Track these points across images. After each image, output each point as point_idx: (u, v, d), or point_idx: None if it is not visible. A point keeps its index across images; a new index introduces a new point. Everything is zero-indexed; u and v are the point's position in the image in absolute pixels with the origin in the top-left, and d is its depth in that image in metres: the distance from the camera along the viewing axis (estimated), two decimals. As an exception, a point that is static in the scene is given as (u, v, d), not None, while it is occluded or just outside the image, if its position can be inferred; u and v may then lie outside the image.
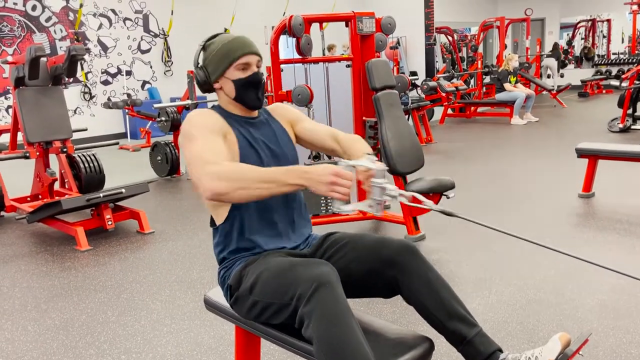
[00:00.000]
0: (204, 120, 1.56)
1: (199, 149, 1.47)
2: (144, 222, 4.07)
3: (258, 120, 1.70)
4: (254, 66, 1.64)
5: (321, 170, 1.36)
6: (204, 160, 1.43)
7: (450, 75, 9.00)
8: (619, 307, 2.44)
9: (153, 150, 6.09)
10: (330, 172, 1.34)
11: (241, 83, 1.62)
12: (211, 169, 1.40)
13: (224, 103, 1.68)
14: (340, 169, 1.35)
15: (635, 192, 4.30)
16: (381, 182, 1.38)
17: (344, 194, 1.35)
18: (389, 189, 1.38)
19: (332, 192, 1.35)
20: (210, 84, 1.66)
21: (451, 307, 1.49)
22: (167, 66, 10.44)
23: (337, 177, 1.34)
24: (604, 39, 14.88)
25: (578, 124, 8.29)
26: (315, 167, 1.37)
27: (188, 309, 2.72)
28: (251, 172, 1.40)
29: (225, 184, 1.37)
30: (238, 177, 1.38)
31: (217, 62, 1.62)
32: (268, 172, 1.41)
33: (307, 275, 1.36)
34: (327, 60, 3.67)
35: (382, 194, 1.38)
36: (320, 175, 1.35)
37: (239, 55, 1.60)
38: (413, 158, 3.44)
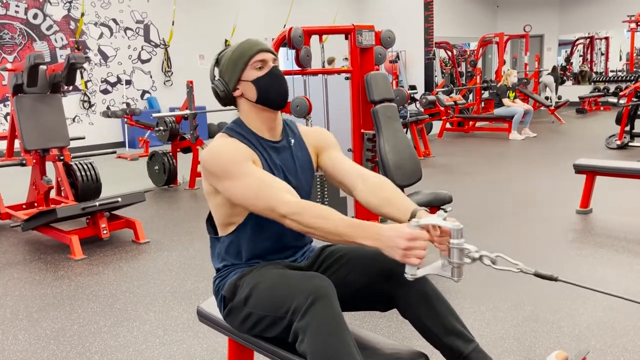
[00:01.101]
0: (234, 153, 1.47)
1: (257, 180, 1.42)
2: (139, 232, 4.04)
3: (281, 145, 1.60)
4: (270, 62, 1.55)
5: (395, 233, 1.27)
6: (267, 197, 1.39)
7: (449, 89, 9.03)
8: (617, 325, 2.42)
9: (151, 159, 6.08)
10: (404, 236, 1.26)
11: (261, 81, 1.53)
12: (281, 209, 1.37)
13: (245, 114, 1.58)
14: (415, 232, 1.26)
15: (633, 209, 4.29)
16: (459, 243, 1.25)
17: (420, 257, 1.27)
18: (469, 250, 1.25)
19: (406, 259, 1.27)
20: (230, 93, 1.57)
21: (448, 322, 1.46)
22: (167, 76, 10.47)
23: (412, 241, 1.26)
24: (602, 56, 14.98)
25: (576, 140, 8.31)
26: (388, 229, 1.28)
27: (181, 320, 2.68)
28: (327, 222, 1.34)
29: (299, 227, 1.37)
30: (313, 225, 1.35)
31: (233, 66, 1.55)
32: (342, 226, 1.33)
33: (303, 288, 1.34)
34: (326, 72, 3.67)
35: (462, 256, 1.25)
36: (394, 239, 1.27)
37: (254, 52, 1.53)
38: (411, 171, 3.43)
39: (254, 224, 1.54)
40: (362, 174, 1.61)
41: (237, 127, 1.58)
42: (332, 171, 1.67)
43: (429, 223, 1.30)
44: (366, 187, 1.56)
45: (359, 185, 1.58)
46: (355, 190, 1.59)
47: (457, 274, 1.27)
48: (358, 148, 3.62)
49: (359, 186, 1.58)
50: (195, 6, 10.67)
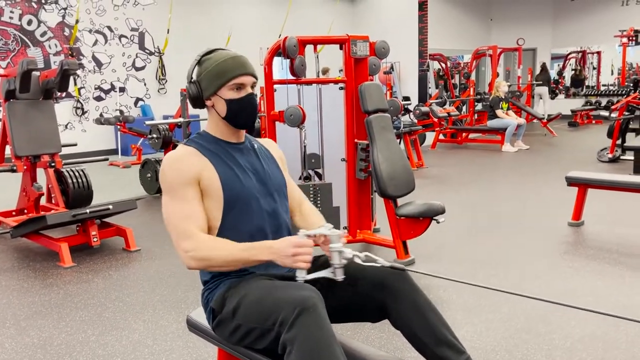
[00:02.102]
0: (176, 173, 1.54)
1: (173, 215, 1.53)
2: (130, 240, 4.01)
3: (244, 146, 1.67)
4: (248, 87, 1.60)
5: (283, 244, 1.44)
6: (178, 232, 1.51)
7: (442, 101, 9.07)
8: (608, 338, 2.41)
9: (143, 167, 6.05)
10: (291, 244, 1.43)
11: (234, 104, 1.58)
12: (185, 245, 1.49)
13: (212, 122, 1.65)
14: (300, 240, 1.44)
15: (624, 222, 4.30)
16: (338, 247, 1.45)
17: (307, 262, 1.43)
18: (345, 253, 1.45)
19: (296, 263, 1.42)
20: (202, 100, 1.62)
21: (439, 333, 1.46)
22: (161, 84, 10.46)
23: (298, 247, 1.42)
24: (594, 70, 15.13)
25: (568, 153, 8.35)
26: (278, 242, 1.46)
27: (171, 330, 2.65)
28: (221, 252, 1.48)
29: (198, 264, 1.49)
30: (209, 257, 1.48)
31: (212, 79, 1.58)
32: (236, 251, 1.48)
33: (290, 299, 1.33)
34: (320, 82, 3.67)
35: (341, 257, 1.45)
36: (284, 249, 1.43)
37: (235, 75, 1.57)
38: (404, 182, 3.43)
39: (231, 225, 1.56)
40: (301, 202, 1.82)
41: (198, 137, 1.65)
42: None
43: (314, 232, 1.49)
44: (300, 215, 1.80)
45: (296, 213, 1.80)
46: (294, 216, 1.79)
47: (339, 274, 1.47)
48: (351, 158, 3.62)
49: (296, 213, 1.80)
50: (190, 14, 10.70)
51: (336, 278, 1.47)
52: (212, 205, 1.56)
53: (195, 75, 1.63)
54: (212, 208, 1.56)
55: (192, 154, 1.58)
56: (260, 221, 1.58)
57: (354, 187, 3.65)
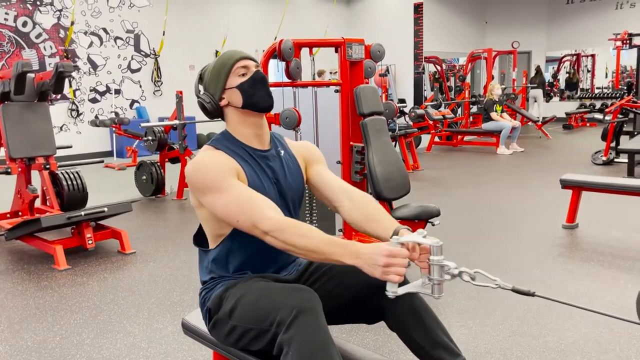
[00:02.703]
0: (220, 168, 1.46)
1: (236, 203, 1.42)
2: (125, 242, 4.00)
3: (269, 153, 1.60)
4: (252, 68, 1.57)
5: (374, 251, 1.28)
6: (253, 213, 1.39)
7: (437, 103, 9.10)
8: (602, 340, 2.43)
9: (138, 169, 6.04)
10: (383, 253, 1.27)
11: (245, 85, 1.54)
12: (264, 225, 1.37)
13: (233, 124, 1.58)
14: (394, 249, 1.27)
15: (618, 225, 4.33)
16: (439, 260, 1.27)
17: (400, 275, 1.27)
18: (448, 267, 1.26)
19: (386, 275, 1.27)
20: (216, 104, 1.57)
21: (436, 336, 1.46)
22: (156, 86, 10.45)
23: (391, 257, 1.26)
24: (588, 73, 15.21)
25: (562, 156, 8.39)
26: (368, 247, 1.30)
27: (166, 333, 2.65)
28: (305, 240, 1.35)
29: (278, 244, 1.37)
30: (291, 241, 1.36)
31: (216, 77, 1.57)
32: (324, 244, 1.34)
33: (288, 300, 1.33)
34: (315, 84, 3.68)
35: (442, 272, 1.27)
36: (373, 257, 1.27)
37: (235, 60, 1.56)
38: (399, 184, 3.44)
39: (242, 235, 1.52)
40: (348, 190, 1.61)
41: (223, 139, 1.58)
42: (319, 185, 1.67)
43: (408, 240, 1.30)
44: (351, 203, 1.57)
45: (345, 201, 1.59)
46: (341, 207, 1.60)
47: (437, 290, 1.28)
48: (347, 160, 3.63)
49: (345, 202, 1.59)
50: (186, 16, 10.69)
51: (433, 295, 1.29)
52: None
53: (202, 89, 1.62)
54: None
55: (223, 155, 1.52)
56: None
57: (350, 190, 3.65)
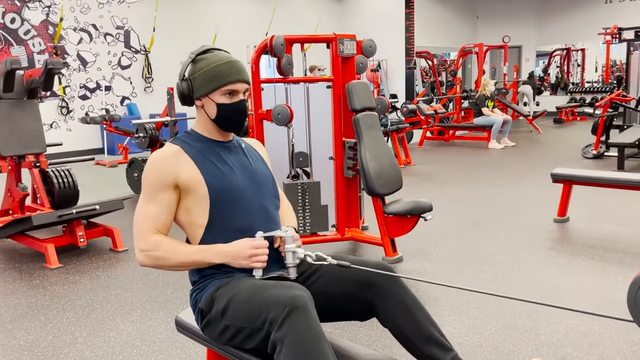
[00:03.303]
0: (154, 176, 1.57)
1: (140, 214, 1.58)
2: (117, 240, 3.99)
3: (231, 144, 1.68)
4: (240, 94, 1.60)
5: (240, 246, 1.52)
6: (138, 230, 1.56)
7: (429, 98, 9.11)
8: (593, 333, 2.45)
9: (130, 166, 6.01)
10: (247, 246, 1.51)
11: (225, 109, 1.58)
12: (141, 244, 1.55)
13: (201, 121, 1.65)
14: (256, 241, 1.52)
15: (608, 218, 4.36)
16: (291, 247, 1.55)
17: (263, 262, 1.52)
18: (298, 253, 1.55)
19: (252, 264, 1.51)
20: (191, 99, 1.62)
21: (427, 331, 1.47)
22: (147, 82, 10.39)
23: (254, 248, 1.51)
24: (578, 67, 15.28)
25: (553, 150, 8.44)
26: (232, 245, 1.53)
27: (159, 330, 2.64)
28: (173, 255, 1.54)
29: (150, 262, 1.55)
30: (162, 257, 1.54)
31: (205, 81, 1.58)
32: (190, 254, 1.55)
33: (279, 299, 1.33)
34: (307, 80, 3.67)
35: (294, 257, 1.55)
36: (240, 251, 1.51)
37: (229, 81, 1.57)
38: (391, 179, 3.45)
39: (220, 221, 1.56)
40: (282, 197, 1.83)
41: (186, 136, 1.65)
42: None
43: (270, 234, 1.57)
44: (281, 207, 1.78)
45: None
46: None
47: (292, 273, 1.56)
48: (339, 156, 3.63)
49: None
50: (176, 12, 10.62)
51: (289, 276, 1.56)
52: (197, 203, 1.56)
53: (188, 74, 1.61)
54: (197, 206, 1.56)
55: (174, 155, 1.58)
56: (249, 218, 1.58)
57: (342, 186, 3.66)
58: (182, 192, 1.57)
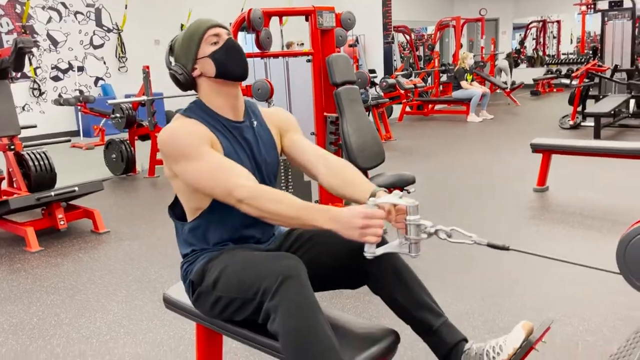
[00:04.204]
0: (192, 136, 1.43)
1: (209, 170, 1.40)
2: (98, 222, 3.93)
3: (243, 125, 1.57)
4: (224, 35, 1.53)
5: (351, 213, 1.29)
6: (225, 181, 1.38)
7: (408, 73, 9.10)
8: (576, 296, 2.51)
9: (107, 148, 5.91)
10: (360, 215, 1.27)
11: (218, 54, 1.50)
12: (237, 193, 1.36)
13: (206, 95, 1.54)
14: (370, 210, 1.28)
15: (586, 186, 4.44)
16: (416, 219, 1.29)
17: (378, 236, 1.29)
18: (425, 226, 1.30)
19: (364, 237, 1.28)
20: (189, 75, 1.53)
21: (418, 297, 1.49)
22: (121, 62, 10.15)
23: (368, 219, 1.27)
24: (554, 39, 15.39)
25: (531, 121, 8.53)
26: (344, 210, 1.30)
27: (146, 309, 2.63)
28: (280, 205, 1.35)
29: (253, 212, 1.36)
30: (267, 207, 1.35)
31: (187, 47, 1.53)
32: (299, 209, 1.34)
33: (273, 268, 1.32)
34: (287, 54, 3.63)
35: (418, 231, 1.29)
36: (350, 220, 1.28)
37: (205, 28, 1.51)
38: (374, 153, 3.44)
39: (221, 208, 1.49)
40: (324, 156, 1.60)
41: (196, 108, 1.54)
42: (294, 153, 1.65)
43: (385, 202, 1.32)
44: (328, 169, 1.56)
45: (321, 167, 1.57)
46: (318, 173, 1.58)
47: (414, 249, 1.32)
48: (321, 131, 3.61)
49: (321, 169, 1.57)
50: (149, -11, 10.35)
51: (410, 254, 1.33)
52: None
53: (173, 60, 1.57)
54: None
55: (197, 123, 1.48)
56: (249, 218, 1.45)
57: (325, 160, 3.65)
58: None
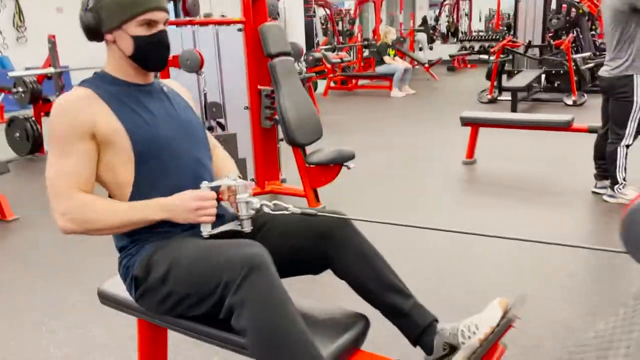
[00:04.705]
0: (66, 122, 1.30)
1: (54, 173, 1.31)
2: (5, 208, 3.53)
3: (153, 88, 1.45)
4: (160, 24, 1.36)
5: (182, 199, 1.31)
6: (55, 192, 1.30)
7: (332, 47, 9.00)
8: (521, 265, 2.56)
9: (9, 126, 5.34)
10: (192, 197, 1.30)
11: (143, 42, 1.34)
12: (61, 207, 1.29)
13: (113, 60, 1.39)
14: (202, 192, 1.32)
15: (511, 157, 4.60)
16: (244, 197, 1.36)
17: (212, 215, 1.32)
18: (252, 203, 1.37)
19: (200, 218, 1.30)
20: (100, 33, 1.35)
21: (386, 279, 1.40)
22: (20, 32, 9.23)
23: (201, 200, 1.30)
24: (466, 17, 15.91)
25: (451, 96, 8.77)
26: (175, 198, 1.32)
27: (73, 303, 2.38)
28: (105, 214, 1.30)
29: (76, 227, 1.30)
30: (89, 219, 1.30)
31: (116, 10, 1.32)
32: (125, 211, 1.31)
33: (234, 258, 1.18)
34: (216, 22, 3.38)
35: (248, 208, 1.37)
36: (183, 203, 1.30)
37: (145, 9, 1.32)
38: (312, 128, 3.32)
39: (149, 178, 1.36)
40: (214, 147, 1.65)
41: (97, 78, 1.41)
42: None
43: (217, 184, 1.38)
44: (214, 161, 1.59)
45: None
46: None
47: (247, 225, 1.38)
48: (255, 106, 3.43)
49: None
50: (48, -49, 9.43)
51: (244, 230, 1.38)
52: (119, 160, 1.34)
53: (93, 2, 1.34)
54: (119, 163, 1.34)
55: (86, 98, 1.33)
56: (181, 174, 1.39)
57: (260, 137, 3.48)
58: (100, 146, 1.32)
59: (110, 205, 1.32)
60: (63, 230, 1.31)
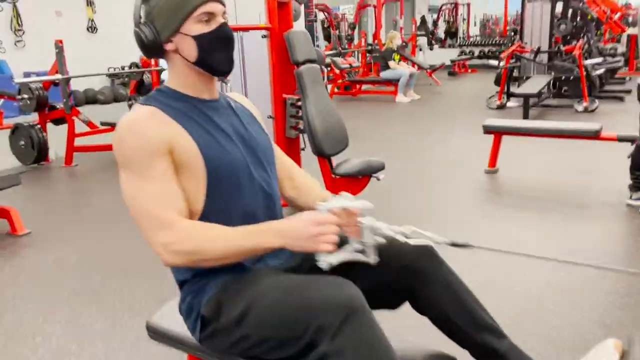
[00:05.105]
0: (139, 143, 1.15)
1: (140, 199, 1.15)
2: (16, 222, 3.36)
3: (219, 103, 1.31)
4: (219, 17, 1.23)
5: (300, 223, 1.12)
6: (152, 221, 1.14)
7: (337, 52, 8.89)
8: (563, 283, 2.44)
9: (14, 133, 5.16)
10: (312, 222, 1.12)
11: (206, 39, 1.20)
12: (164, 238, 1.13)
13: (176, 74, 1.26)
14: (322, 216, 1.13)
15: (532, 166, 4.48)
16: (370, 222, 1.19)
17: (332, 243, 1.12)
18: (380, 228, 1.18)
19: (321, 246, 1.11)
20: (159, 44, 1.22)
21: (478, 317, 1.27)
22: (17, 36, 9.03)
23: (320, 225, 1.11)
24: (463, 21, 15.88)
25: (456, 101, 8.66)
26: (290, 221, 1.14)
27: (98, 328, 2.22)
28: (216, 243, 1.14)
29: (183, 259, 1.15)
30: (199, 250, 1.13)
31: (169, 13, 1.20)
32: (236, 240, 1.14)
33: (329, 299, 1.04)
34: (241, 29, 3.25)
35: (375, 234, 1.18)
36: (300, 229, 1.12)
37: (200, 2, 1.19)
38: (339, 138, 3.20)
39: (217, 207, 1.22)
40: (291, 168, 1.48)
41: (160, 94, 1.26)
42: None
43: (336, 206, 1.19)
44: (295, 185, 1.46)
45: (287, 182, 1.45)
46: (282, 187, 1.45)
47: (371, 255, 1.21)
48: (280, 115, 3.30)
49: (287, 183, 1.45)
50: (46, -46, 9.25)
51: (369, 261, 1.19)
52: (192, 184, 1.20)
53: (145, 15, 1.23)
54: (191, 188, 1.20)
55: (155, 116, 1.19)
56: (253, 200, 1.26)
57: (284, 147, 3.34)
58: (175, 167, 1.19)
59: (218, 232, 1.15)
60: (168, 264, 1.17)
